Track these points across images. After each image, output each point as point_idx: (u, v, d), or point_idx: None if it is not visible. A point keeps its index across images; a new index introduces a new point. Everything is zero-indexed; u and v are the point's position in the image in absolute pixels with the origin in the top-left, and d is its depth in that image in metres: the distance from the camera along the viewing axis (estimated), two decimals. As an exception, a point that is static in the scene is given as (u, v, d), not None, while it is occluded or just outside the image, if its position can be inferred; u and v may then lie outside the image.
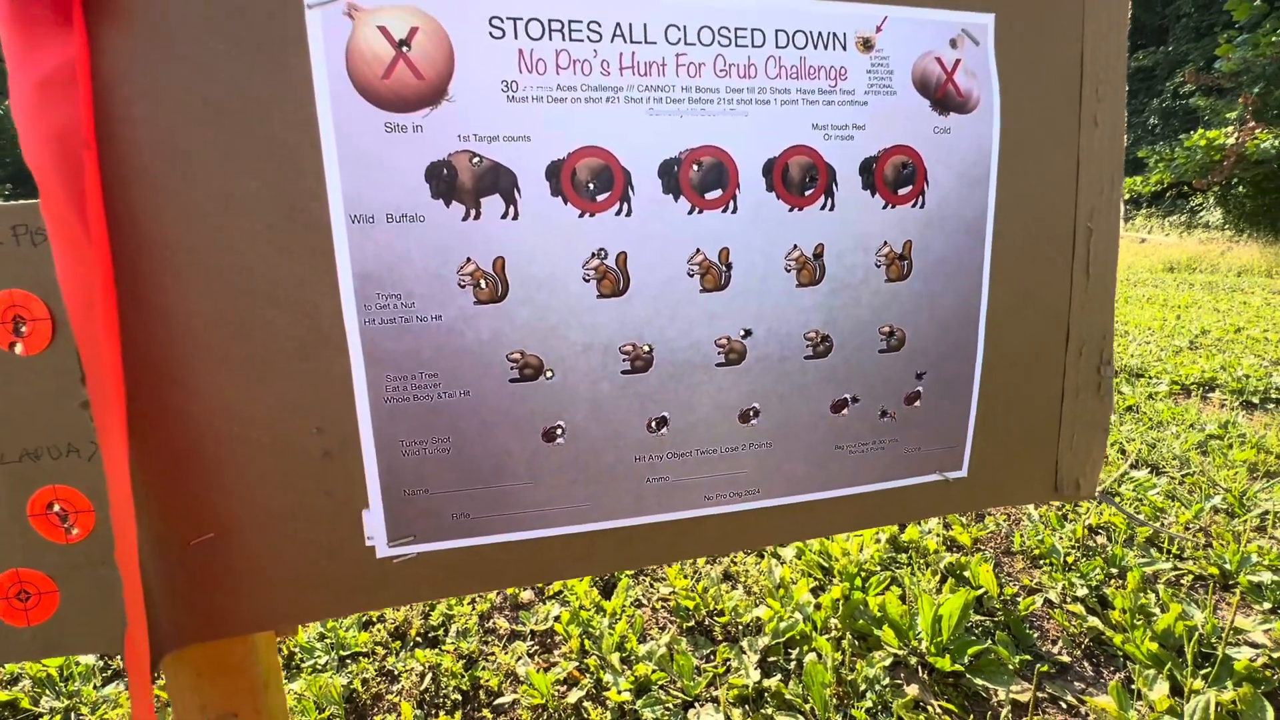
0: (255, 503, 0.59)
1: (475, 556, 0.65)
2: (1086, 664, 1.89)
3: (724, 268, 0.64)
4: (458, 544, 0.64)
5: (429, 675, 1.79)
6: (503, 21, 0.56)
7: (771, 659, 2.20)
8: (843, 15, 0.63)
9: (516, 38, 0.57)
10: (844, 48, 0.64)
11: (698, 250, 0.63)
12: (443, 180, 0.57)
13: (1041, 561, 2.40)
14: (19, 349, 0.59)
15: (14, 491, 0.62)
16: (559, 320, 0.61)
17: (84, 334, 0.52)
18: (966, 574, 2.27)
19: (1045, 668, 1.78)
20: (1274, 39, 11.54)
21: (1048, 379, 0.77)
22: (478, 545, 0.64)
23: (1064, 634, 2.02)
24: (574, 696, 1.76)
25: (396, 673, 1.81)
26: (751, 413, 0.68)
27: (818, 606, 2.28)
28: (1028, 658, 1.85)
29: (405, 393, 0.60)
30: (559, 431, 0.64)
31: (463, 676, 1.77)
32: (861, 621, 2.26)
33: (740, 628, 2.19)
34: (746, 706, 2.07)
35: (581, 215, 0.60)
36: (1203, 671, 1.64)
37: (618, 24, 0.58)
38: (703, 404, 0.66)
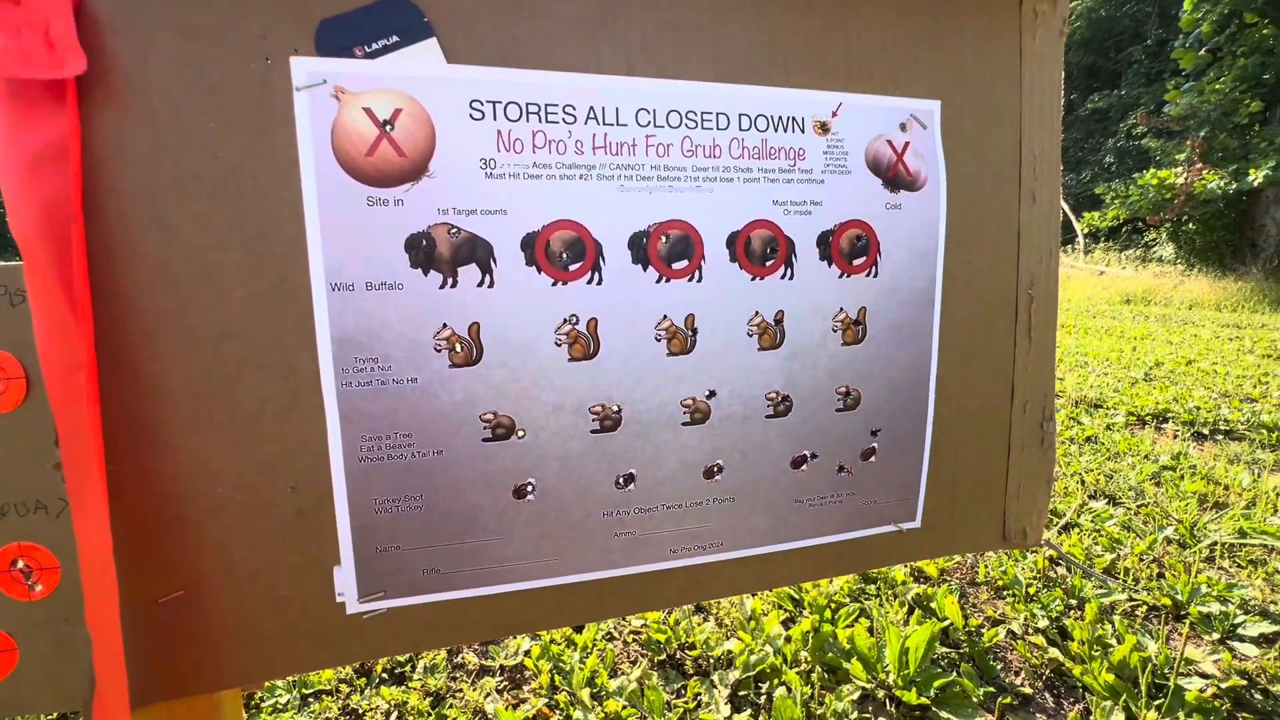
0: (227, 560, 0.60)
1: (446, 610, 0.66)
2: (1048, 695, 1.94)
3: (690, 333, 0.68)
4: (428, 599, 0.65)
5: (394, 714, 1.76)
6: (483, 104, 0.60)
7: (742, 693, 2.21)
8: (801, 101, 0.68)
9: (496, 119, 0.60)
10: (802, 130, 0.69)
11: (665, 316, 0.67)
12: (421, 250, 0.60)
13: (1005, 592, 2.46)
14: (-9, 407, 0.60)
15: (-21, 548, 0.61)
16: (531, 382, 0.64)
17: (62, 398, 0.53)
18: (933, 605, 2.31)
19: (1008, 699, 1.82)
20: (1217, 86, 12.27)
21: (995, 435, 0.81)
22: (448, 600, 0.66)
23: (1026, 665, 2.07)
24: (543, 736, 1.74)
25: (361, 711, 1.77)
26: (715, 469, 0.71)
27: (788, 639, 2.29)
28: (991, 690, 1.88)
29: (379, 452, 0.62)
30: (529, 489, 0.66)
31: (429, 715, 1.75)
32: (831, 654, 2.28)
33: (711, 661, 2.19)
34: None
35: (555, 284, 0.63)
36: (1156, 702, 1.70)
37: (591, 107, 0.62)
38: (669, 461, 0.69)
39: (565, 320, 0.64)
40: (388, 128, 0.58)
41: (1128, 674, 1.83)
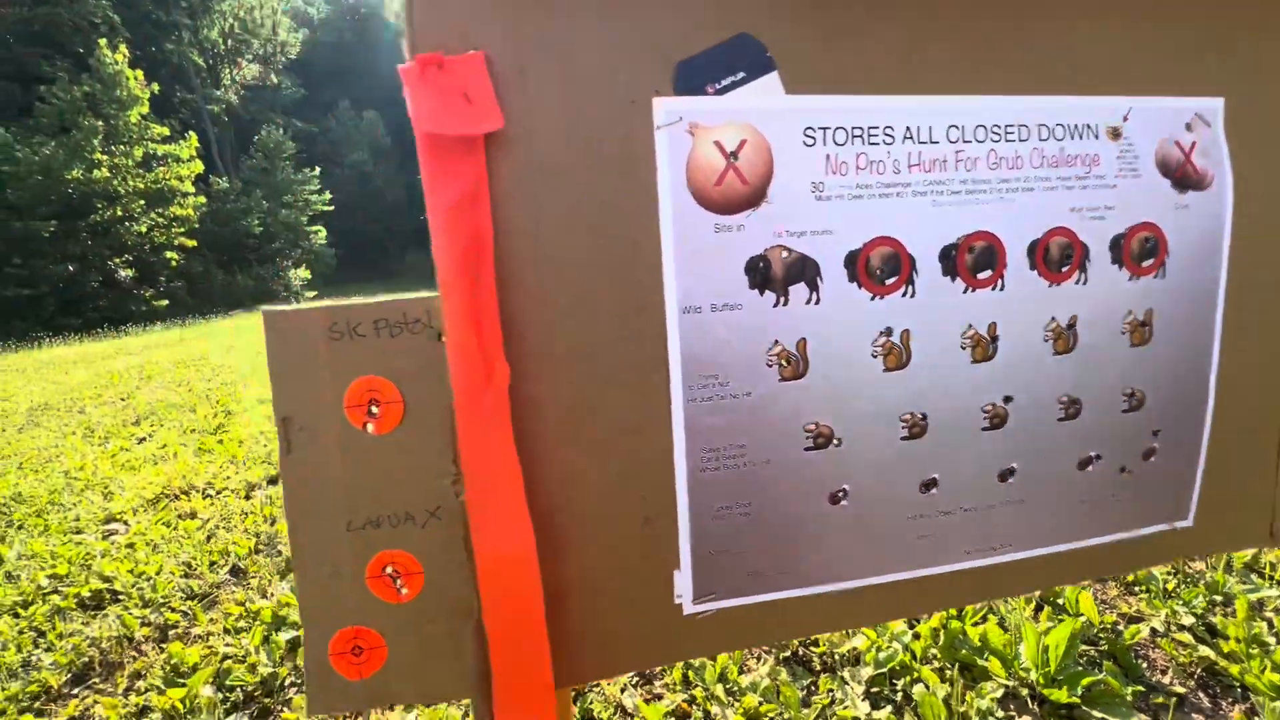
0: (585, 566, 0.65)
1: (767, 610, 0.70)
2: (1202, 695, 1.88)
3: (991, 340, 0.70)
4: (752, 600, 0.69)
5: None
6: (815, 131, 0.63)
7: (875, 690, 2.21)
8: (1095, 108, 0.69)
9: (825, 144, 0.63)
10: (1096, 137, 0.70)
11: (969, 325, 0.69)
12: (759, 272, 0.64)
13: (1137, 588, 2.39)
14: (370, 428, 0.66)
15: (357, 556, 0.68)
16: (850, 393, 0.67)
17: (469, 420, 0.58)
18: (1061, 601, 2.27)
19: (1159, 699, 1.78)
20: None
21: (1267, 433, 0.81)
22: (769, 600, 0.70)
23: (1173, 664, 2.01)
24: (690, 729, 1.78)
25: None
26: (1009, 472, 0.73)
27: (916, 636, 2.28)
28: (1140, 689, 1.84)
29: (717, 463, 0.66)
30: (843, 495, 0.69)
31: (574, 707, 1.82)
32: (965, 651, 2.26)
33: (837, 658, 2.20)
34: (857, 739, 2.06)
35: (873, 298, 0.66)
36: (1328, 701, 1.63)
37: (908, 127, 0.65)
38: (968, 465, 0.71)
39: (881, 333, 0.67)
40: (733, 158, 0.62)
41: (1293, 673, 1.76)
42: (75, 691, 2.42)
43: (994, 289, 0.69)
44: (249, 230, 24.58)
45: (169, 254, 20.91)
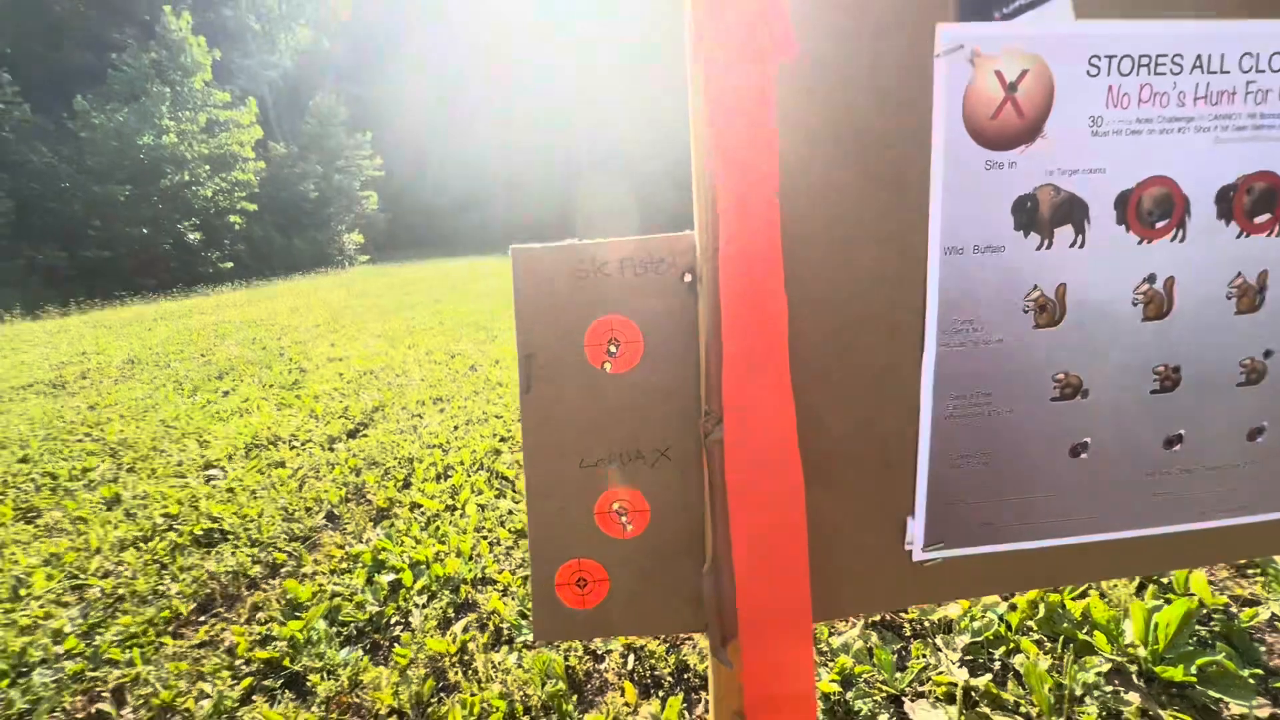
0: (818, 508, 0.65)
1: (995, 561, 0.69)
2: (1329, 683, 1.80)
3: (1259, 290, 0.65)
4: (980, 550, 0.68)
5: (632, 655, 1.88)
6: (1100, 60, 0.59)
7: (970, 658, 2.19)
8: (1401, 33, 0.63)
9: (1109, 74, 0.59)
10: (1399, 66, 0.63)
11: (1238, 274, 0.65)
12: (1025, 212, 0.61)
13: (1250, 571, 2.29)
14: (608, 367, 0.67)
15: (586, 491, 0.70)
16: (1104, 343, 0.64)
17: (738, 359, 0.58)
18: (1166, 580, 2.19)
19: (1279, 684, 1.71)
20: None
21: None
22: (998, 551, 0.68)
23: (1294, 650, 1.92)
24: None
25: (601, 653, 1.91)
26: (1258, 431, 0.69)
27: (1012, 608, 2.24)
28: (1258, 672, 1.77)
29: (961, 411, 0.64)
30: (1083, 448, 0.67)
31: (667, 658, 1.86)
32: (1065, 625, 2.21)
33: (927, 625, 2.19)
34: (955, 704, 2.06)
35: (1140, 242, 0.63)
36: None
37: (1198, 55, 0.60)
38: (1217, 423, 0.68)
39: (1144, 279, 0.64)
40: (1012, 90, 0.58)
41: None
42: (202, 619, 2.62)
43: (1269, 234, 0.64)
44: (305, 195, 25.24)
45: (233, 218, 21.69)
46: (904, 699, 2.09)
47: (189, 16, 21.25)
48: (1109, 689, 1.87)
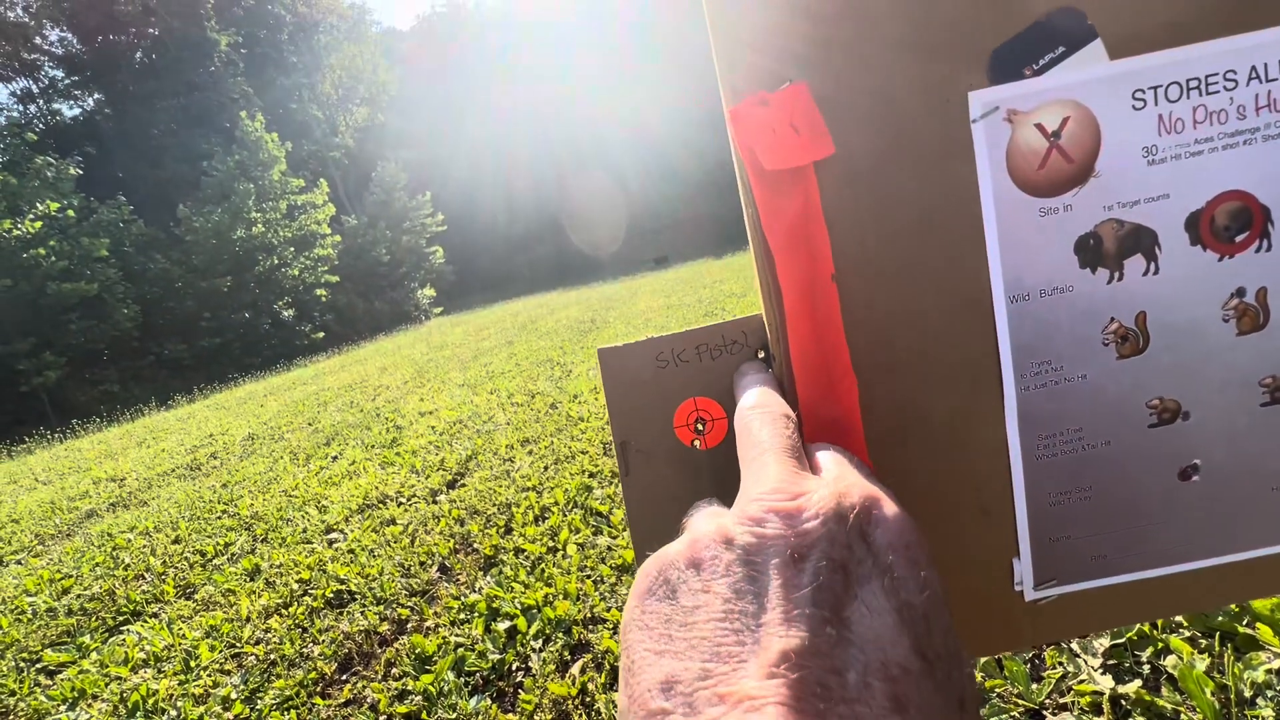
0: (923, 559, 0.67)
1: (1110, 594, 0.68)
2: None
3: (1367, 287, 0.62)
4: (1095, 584, 0.67)
5: None
6: (1144, 93, 0.59)
7: (1112, 662, 2.05)
8: None
9: (1156, 104, 0.59)
10: None
11: (1339, 274, 0.62)
12: (1089, 250, 0.61)
13: None
14: (698, 445, 0.72)
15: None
16: (1198, 363, 0.63)
17: (814, 434, 0.62)
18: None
19: None
20: None
21: None
22: (1113, 584, 0.68)
23: None
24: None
25: None
26: (1393, 429, 0.65)
27: (1158, 603, 2.06)
28: None
29: (1053, 449, 0.65)
30: (1193, 470, 0.65)
31: None
32: (1221, 619, 2.03)
33: (1071, 631, 2.04)
34: (1103, 716, 1.94)
35: (1220, 259, 0.62)
36: None
37: (1253, 67, 0.59)
38: (1343, 426, 0.65)
39: (1233, 294, 0.62)
40: (1056, 138, 0.60)
41: None
42: (344, 678, 2.85)
43: (1368, 228, 0.61)
44: (379, 260, 27.07)
45: (319, 291, 23.56)
46: (1044, 713, 1.98)
47: (262, 117, 23.53)
48: (1281, 689, 1.71)
